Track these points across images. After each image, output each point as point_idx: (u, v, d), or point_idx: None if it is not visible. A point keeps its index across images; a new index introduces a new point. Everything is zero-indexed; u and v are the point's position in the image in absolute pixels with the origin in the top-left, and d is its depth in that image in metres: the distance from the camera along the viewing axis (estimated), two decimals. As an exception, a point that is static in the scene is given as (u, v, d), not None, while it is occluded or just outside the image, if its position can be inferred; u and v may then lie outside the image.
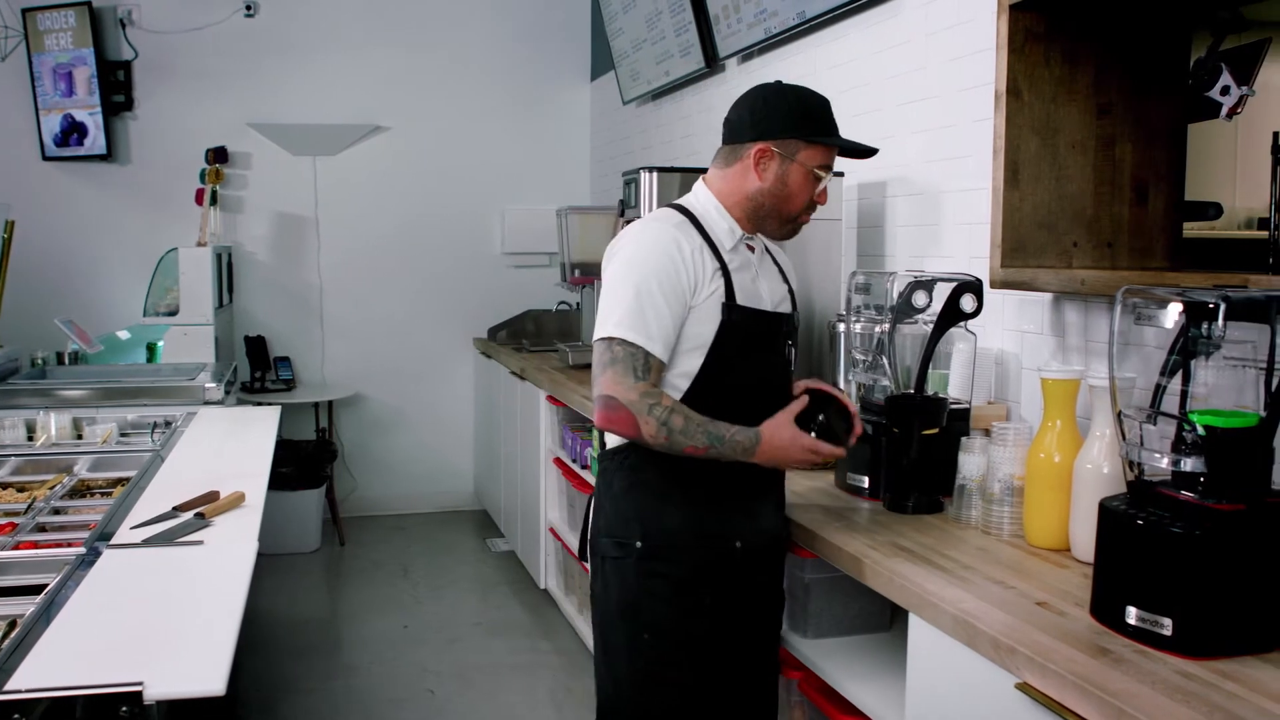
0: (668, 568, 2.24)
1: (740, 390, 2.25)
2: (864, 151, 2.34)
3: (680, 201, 2.35)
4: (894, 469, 2.55)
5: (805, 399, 2.24)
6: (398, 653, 4.49)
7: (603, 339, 2.19)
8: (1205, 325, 1.69)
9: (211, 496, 2.64)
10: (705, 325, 2.21)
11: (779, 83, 2.37)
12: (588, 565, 2.42)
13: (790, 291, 2.42)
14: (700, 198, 2.33)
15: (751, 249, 2.35)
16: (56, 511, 2.68)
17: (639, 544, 2.24)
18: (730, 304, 2.22)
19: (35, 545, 2.35)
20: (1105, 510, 1.81)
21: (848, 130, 3.72)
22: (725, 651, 2.29)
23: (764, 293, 2.31)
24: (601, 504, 2.34)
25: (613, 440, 2.31)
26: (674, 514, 2.24)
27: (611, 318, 2.18)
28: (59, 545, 2.34)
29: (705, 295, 2.20)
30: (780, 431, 2.18)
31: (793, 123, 2.26)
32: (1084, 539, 2.03)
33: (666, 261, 2.17)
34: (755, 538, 2.30)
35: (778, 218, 2.30)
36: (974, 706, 1.81)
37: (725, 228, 2.28)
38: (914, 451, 2.50)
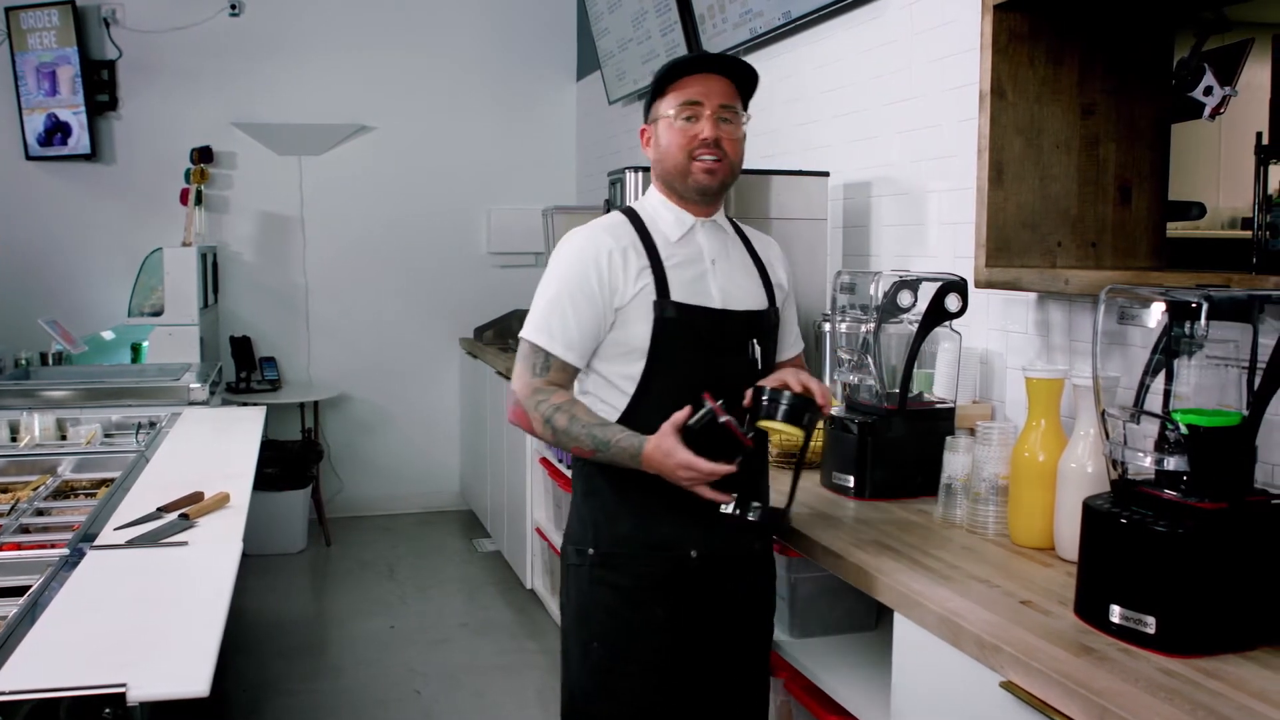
0: (617, 577, 2.19)
1: (691, 393, 2.08)
2: (714, 61, 2.25)
3: (634, 203, 2.33)
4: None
5: (688, 408, 2.05)
6: (384, 653, 4.48)
7: (521, 339, 2.24)
8: (1188, 325, 1.69)
9: (196, 497, 2.63)
10: (640, 325, 2.14)
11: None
12: None
13: (769, 287, 2.30)
14: (649, 195, 2.30)
15: (711, 241, 2.24)
16: (40, 513, 2.67)
17: (591, 551, 2.21)
18: (662, 302, 2.14)
19: (19, 546, 2.34)
20: (1089, 509, 1.81)
21: (834, 132, 3.75)
22: (687, 666, 2.21)
23: (714, 289, 2.19)
24: (570, 509, 2.33)
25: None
26: (625, 521, 2.19)
27: (528, 320, 2.22)
28: (43, 546, 2.34)
29: (631, 295, 2.14)
30: (661, 442, 2.03)
31: (650, 94, 2.26)
32: (1068, 538, 2.04)
33: (579, 267, 2.15)
34: (715, 547, 2.20)
35: (677, 178, 2.20)
36: (959, 705, 1.82)
37: (672, 219, 2.23)
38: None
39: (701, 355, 2.17)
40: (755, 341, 2.23)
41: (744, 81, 2.27)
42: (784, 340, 2.38)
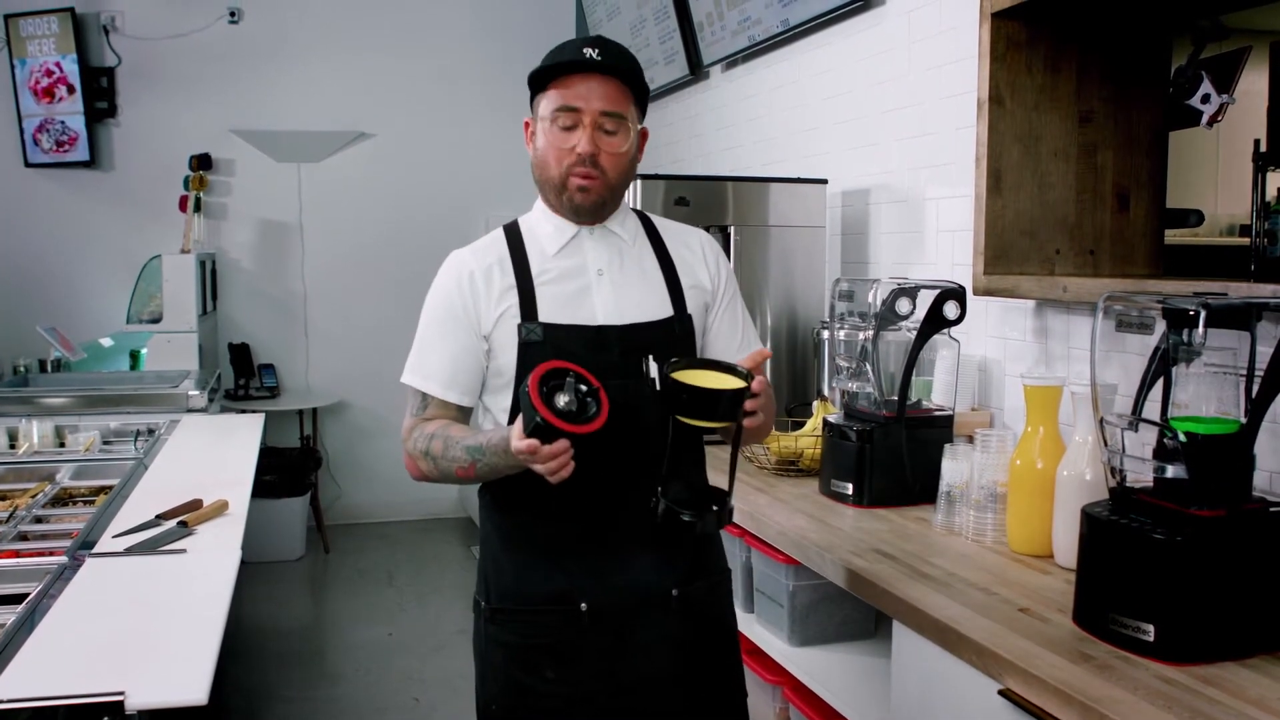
0: (504, 634, 1.94)
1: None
2: (592, 64, 1.87)
3: (525, 214, 2.07)
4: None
5: (547, 362, 1.71)
6: (382, 661, 4.48)
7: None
8: (1186, 332, 1.70)
9: (195, 505, 2.63)
10: (508, 353, 1.90)
11: None
12: None
13: (676, 292, 1.98)
14: (536, 205, 2.04)
15: (606, 247, 1.97)
16: (38, 520, 2.67)
17: (483, 604, 1.98)
18: (528, 324, 1.88)
19: (17, 554, 2.34)
20: (1087, 517, 1.81)
21: (833, 140, 3.75)
22: None
23: (600, 303, 1.92)
24: None
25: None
26: (507, 573, 1.94)
27: (408, 361, 2.02)
28: (41, 554, 2.34)
29: (496, 317, 1.90)
30: (515, 430, 1.71)
31: (531, 85, 1.97)
32: (1066, 545, 2.04)
33: (443, 295, 1.95)
34: (610, 597, 1.90)
35: (550, 186, 1.94)
36: (958, 713, 1.82)
37: (550, 229, 1.97)
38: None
39: None
40: (650, 358, 1.90)
41: (637, 83, 1.93)
42: (717, 351, 2.02)
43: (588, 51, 1.86)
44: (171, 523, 2.52)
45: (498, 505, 1.97)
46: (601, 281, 1.94)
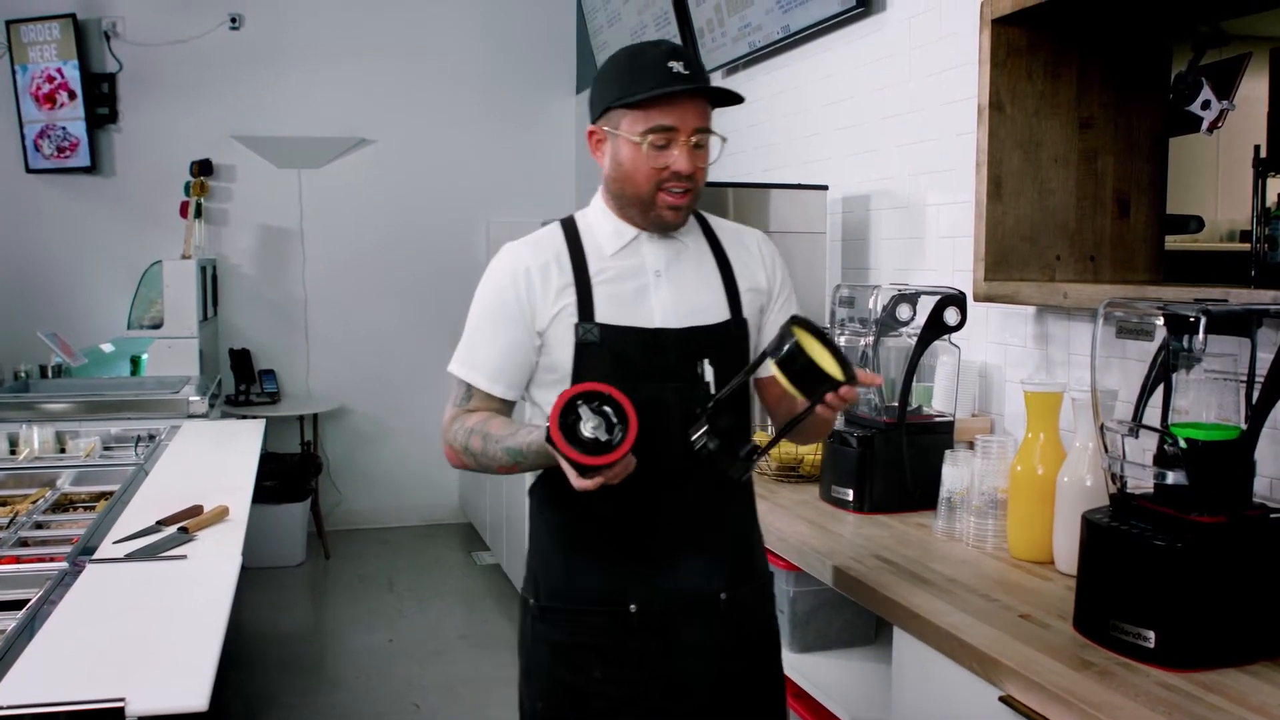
0: (554, 633, 1.96)
1: None
2: (709, 92, 1.86)
3: (579, 211, 2.03)
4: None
5: (563, 393, 1.68)
6: (383, 666, 4.47)
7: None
8: (1186, 338, 1.70)
9: (195, 510, 2.63)
10: (562, 350, 1.89)
11: (623, 48, 1.95)
12: None
13: (734, 295, 1.97)
14: (594, 202, 2.00)
15: (666, 250, 1.94)
16: (39, 526, 2.67)
17: (532, 602, 2.00)
18: (585, 324, 1.87)
19: (17, 560, 2.34)
20: (1088, 523, 1.81)
21: (833, 146, 3.76)
22: None
23: (655, 305, 1.90)
24: None
25: (530, 477, 2.03)
26: (558, 572, 1.95)
27: (456, 351, 2.02)
28: (41, 560, 2.33)
29: (552, 315, 1.89)
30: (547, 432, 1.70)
31: (610, 91, 1.87)
32: (1067, 552, 2.04)
33: (496, 288, 1.94)
34: (659, 599, 1.90)
35: (634, 205, 1.89)
36: (958, 719, 1.81)
37: (610, 230, 1.94)
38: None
39: (633, 382, 1.76)
40: (706, 362, 1.90)
41: (718, 96, 1.91)
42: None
43: (674, 66, 1.82)
44: (172, 529, 2.52)
45: (549, 504, 1.97)
46: (659, 283, 1.92)
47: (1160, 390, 1.75)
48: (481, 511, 6.04)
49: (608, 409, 1.67)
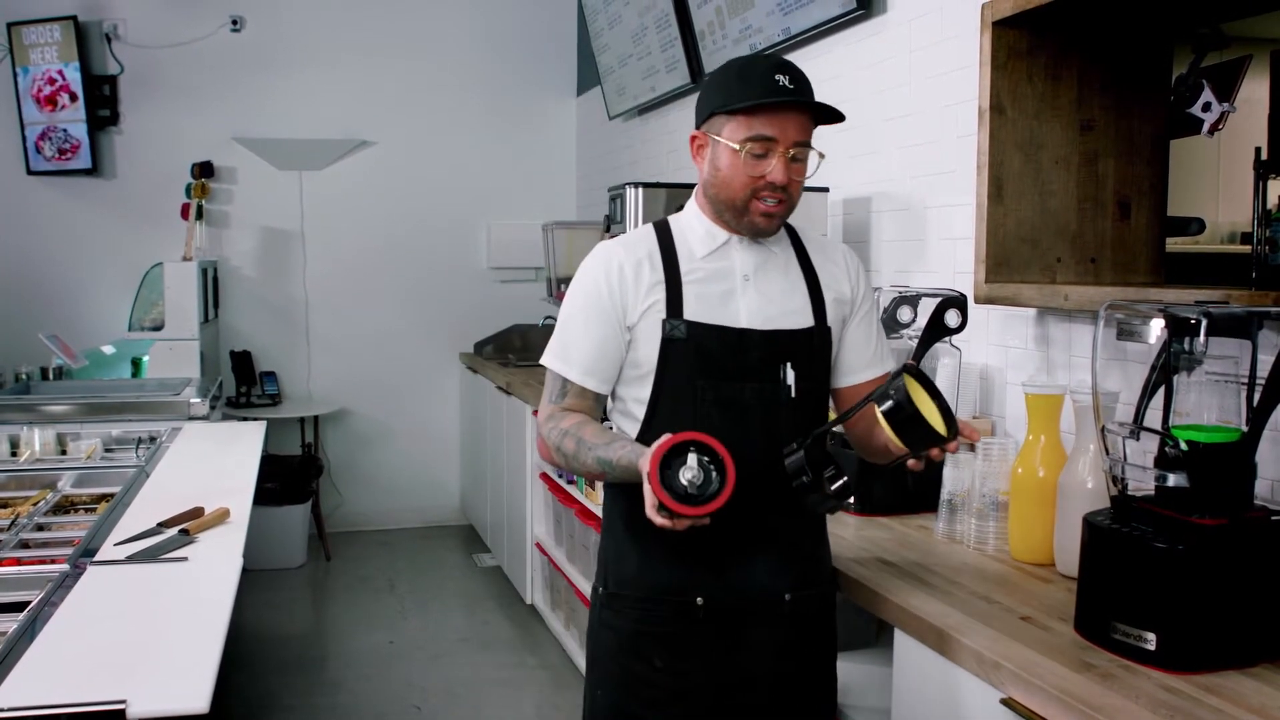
0: (619, 620, 2.02)
1: (697, 416, 1.92)
2: (812, 107, 1.95)
3: (674, 214, 2.10)
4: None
5: (668, 437, 1.71)
6: (383, 668, 4.47)
7: (544, 366, 2.07)
8: (1187, 341, 1.70)
9: (196, 512, 2.63)
10: (648, 346, 1.95)
11: (736, 59, 2.04)
12: None
13: (818, 302, 2.02)
14: (688, 206, 2.07)
15: (755, 255, 2.00)
16: (40, 528, 2.67)
17: (600, 590, 2.07)
18: (672, 320, 1.93)
19: (18, 562, 2.34)
20: (1089, 525, 1.81)
21: (834, 147, 3.75)
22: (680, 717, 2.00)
23: (742, 307, 1.96)
24: None
25: None
26: (630, 561, 2.01)
27: (549, 345, 2.06)
28: (42, 562, 2.33)
29: (641, 312, 1.95)
30: (643, 464, 1.74)
31: (713, 98, 1.95)
32: (1068, 554, 2.04)
33: (590, 284, 1.99)
34: (728, 597, 1.97)
35: (729, 210, 1.96)
36: (959, 721, 1.82)
37: (702, 233, 2.00)
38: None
39: (715, 380, 1.93)
40: (789, 365, 1.96)
41: (820, 112, 2.00)
42: (849, 362, 2.08)
43: (780, 79, 1.90)
44: (173, 530, 2.52)
45: (626, 493, 1.98)
46: (747, 286, 1.99)
47: (1161, 392, 1.75)
48: (482, 513, 6.04)
49: (708, 461, 1.70)
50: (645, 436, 1.95)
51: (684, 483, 1.69)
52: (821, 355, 2.02)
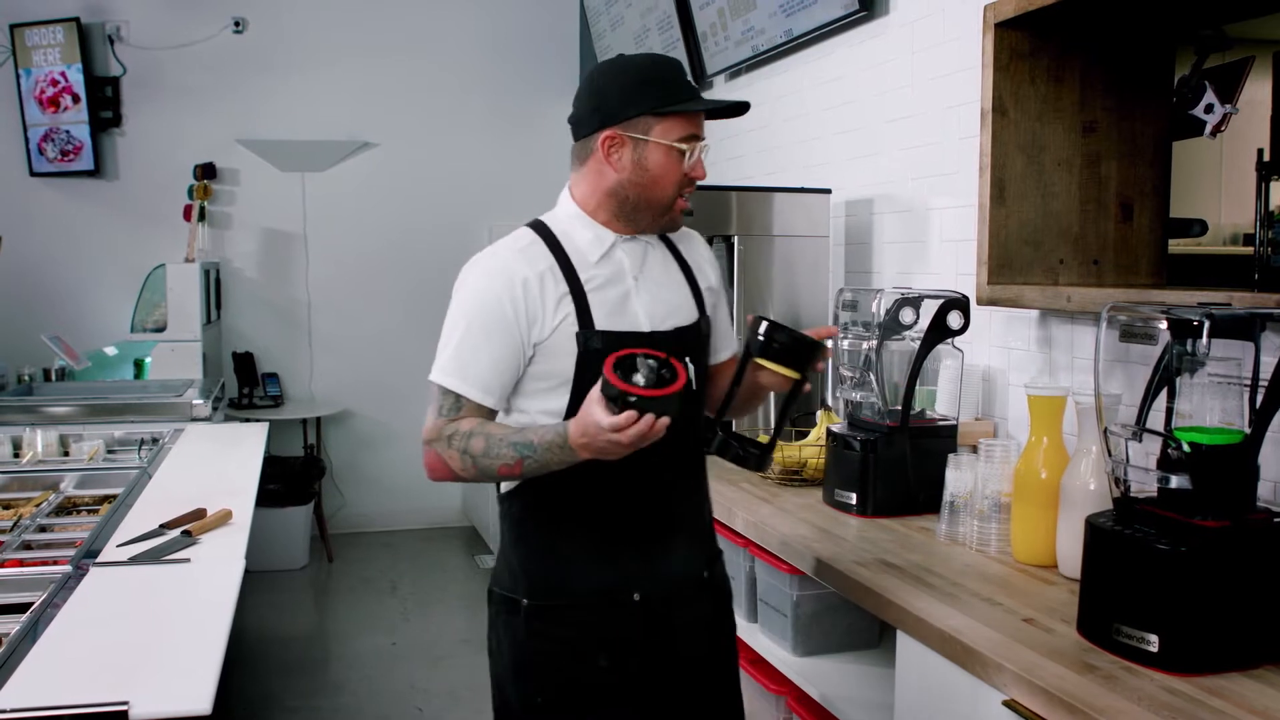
0: (557, 629, 1.98)
1: None
2: (732, 109, 1.98)
3: (543, 216, 2.06)
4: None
5: (607, 363, 1.74)
6: (385, 670, 4.47)
7: (428, 382, 1.98)
8: (1190, 342, 1.70)
9: (199, 514, 2.63)
10: (563, 359, 1.92)
11: (619, 56, 2.05)
12: None
13: (697, 294, 2.08)
14: (561, 208, 2.04)
15: (631, 254, 2.01)
16: (43, 529, 2.67)
17: (525, 602, 1.99)
18: (586, 331, 1.92)
19: (21, 563, 2.34)
20: (1091, 527, 1.81)
21: (836, 149, 3.76)
22: (640, 711, 2.03)
23: (641, 309, 1.97)
24: (498, 553, 2.10)
25: (505, 485, 2.04)
26: (559, 568, 1.98)
27: (437, 360, 1.97)
28: (45, 563, 2.34)
29: (552, 327, 1.91)
30: (583, 417, 1.74)
31: (636, 96, 1.93)
32: (1070, 555, 2.04)
33: (492, 300, 1.92)
34: (659, 587, 2.00)
35: (649, 209, 1.97)
36: (962, 723, 1.82)
37: (589, 238, 1.98)
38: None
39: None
40: (688, 360, 1.92)
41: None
42: (714, 345, 2.15)
43: (691, 81, 1.99)
44: (175, 532, 2.52)
45: (540, 506, 1.99)
46: (638, 287, 1.99)
47: (1164, 394, 1.75)
48: (484, 515, 6.04)
49: (656, 365, 1.74)
50: None
51: (639, 383, 1.71)
52: (705, 346, 2.09)
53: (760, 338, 1.90)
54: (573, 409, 1.91)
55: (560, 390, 1.93)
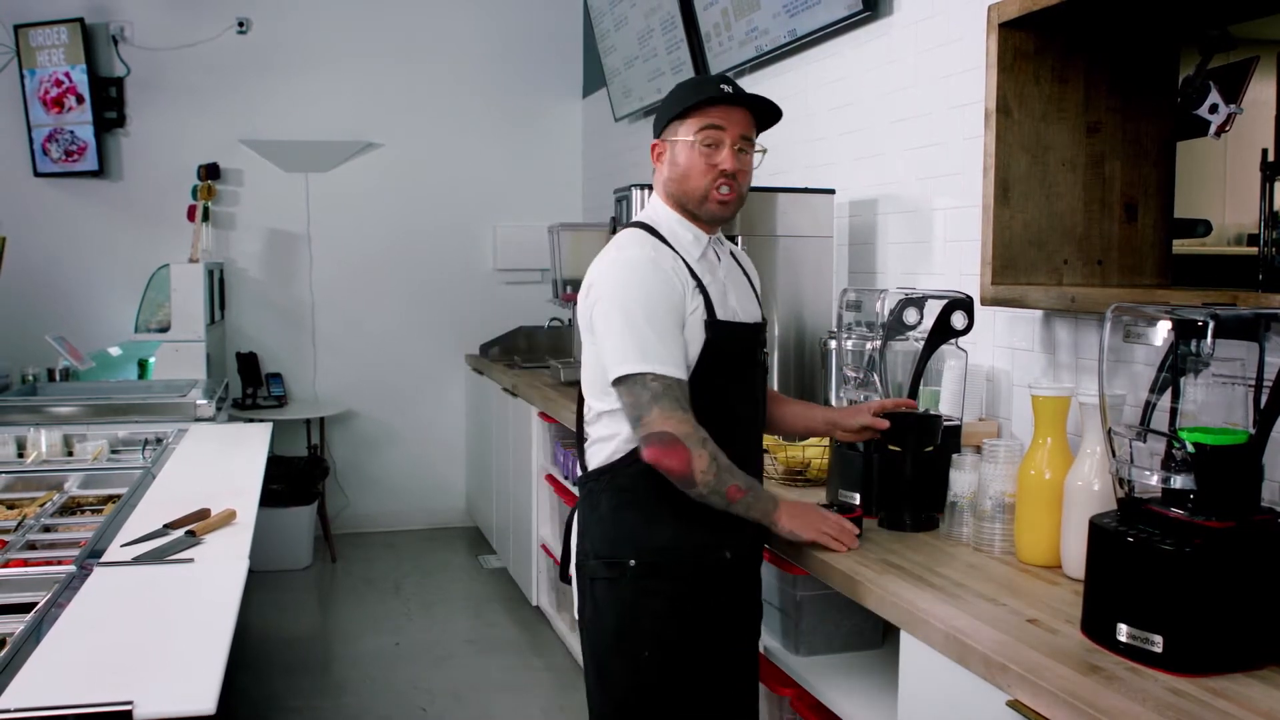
0: (663, 584, 2.21)
1: (724, 408, 2.22)
2: (747, 100, 2.23)
3: (642, 218, 2.30)
4: (890, 486, 2.54)
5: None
6: (389, 670, 4.48)
7: (635, 374, 2.10)
8: (1194, 343, 1.69)
9: (202, 514, 2.63)
10: (694, 345, 2.17)
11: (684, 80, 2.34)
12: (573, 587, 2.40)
13: (757, 297, 2.40)
14: (659, 212, 2.29)
15: (719, 257, 2.30)
16: (47, 529, 2.67)
17: (632, 563, 2.21)
18: (712, 321, 2.18)
19: (25, 563, 2.34)
20: (1095, 527, 1.81)
21: (840, 150, 3.75)
22: (717, 661, 2.28)
23: (736, 303, 2.26)
24: (587, 526, 2.30)
25: (595, 460, 2.27)
26: (664, 530, 2.21)
27: (634, 352, 2.10)
28: (49, 563, 2.34)
29: (690, 312, 2.16)
30: (799, 508, 2.23)
31: (668, 108, 2.24)
32: (1075, 556, 2.04)
33: (661, 287, 2.14)
34: (742, 546, 2.29)
35: (691, 201, 2.23)
36: (966, 724, 1.81)
37: (690, 238, 2.25)
38: (910, 469, 2.49)
39: (738, 371, 2.26)
40: (764, 351, 2.36)
41: (761, 113, 2.28)
42: None
43: (725, 87, 2.20)
44: (179, 532, 2.52)
45: (648, 471, 2.16)
46: (727, 285, 2.27)
47: (1168, 394, 1.75)
48: (488, 515, 6.04)
49: None
50: None
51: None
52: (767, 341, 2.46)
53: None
54: (694, 391, 2.14)
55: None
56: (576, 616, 2.38)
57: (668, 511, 2.20)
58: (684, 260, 2.19)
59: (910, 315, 2.60)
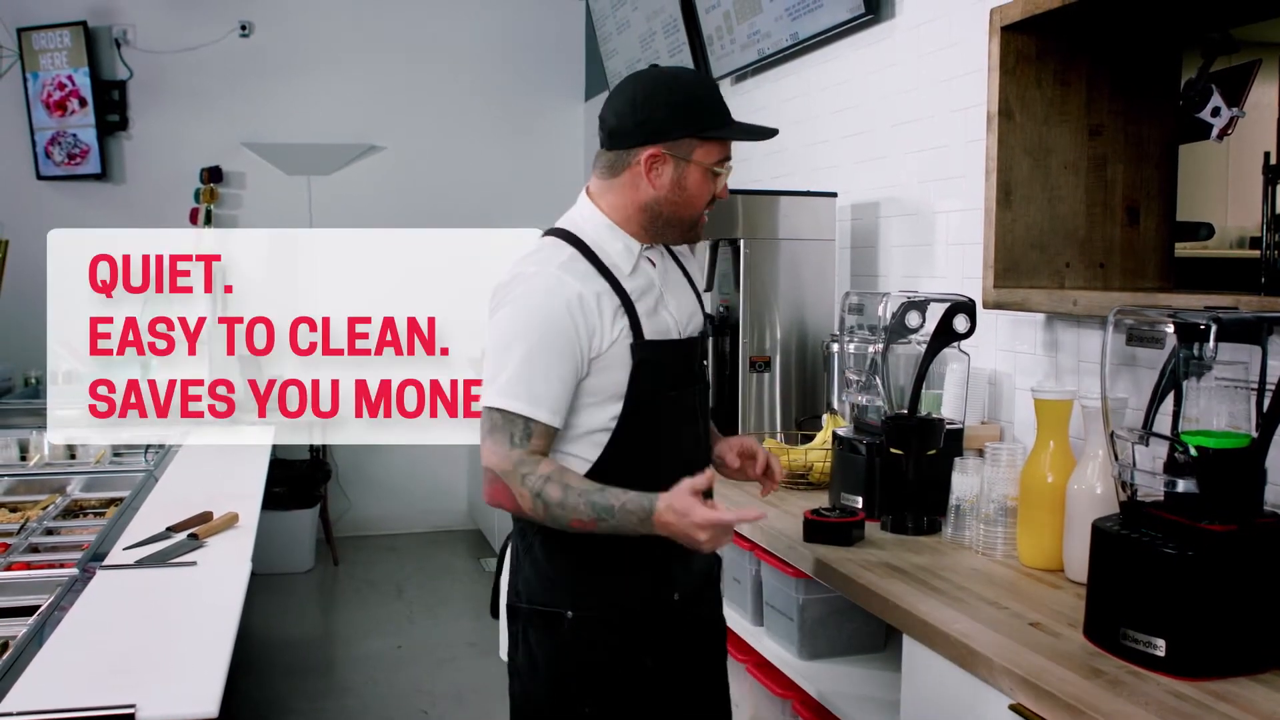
0: (604, 635, 2.00)
1: (662, 428, 2.02)
2: (764, 134, 2.07)
3: (565, 225, 2.04)
4: (892, 490, 2.54)
5: (711, 473, 1.93)
6: (391, 673, 4.48)
7: (486, 406, 1.95)
8: (1197, 346, 1.69)
9: (205, 517, 2.64)
10: (616, 372, 1.95)
11: (655, 68, 2.09)
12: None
13: (699, 299, 2.16)
14: (588, 218, 2.03)
15: (653, 263, 2.06)
16: (49, 532, 2.68)
17: (570, 614, 1.99)
18: (639, 343, 1.95)
19: (28, 566, 2.35)
20: (1098, 531, 1.81)
21: (842, 153, 3.75)
22: (670, 704, 2.08)
23: (670, 317, 2.03)
24: (520, 566, 2.07)
25: None
26: (604, 577, 2.00)
27: (495, 384, 1.92)
28: (51, 566, 2.34)
29: (609, 342, 1.93)
30: (675, 501, 1.83)
31: (684, 118, 1.95)
32: (1077, 559, 2.04)
33: (551, 317, 1.90)
34: (692, 582, 2.10)
35: (679, 225, 2.02)
36: (968, 727, 1.81)
37: (620, 248, 2.00)
38: (913, 473, 2.49)
39: (673, 391, 2.03)
40: (703, 362, 2.15)
41: None
42: None
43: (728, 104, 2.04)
44: (182, 535, 2.52)
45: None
46: (664, 296, 2.05)
47: (1170, 398, 1.75)
48: (490, 518, 6.04)
49: None
50: (610, 456, 1.97)
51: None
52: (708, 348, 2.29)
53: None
54: (623, 422, 1.97)
55: (610, 403, 1.96)
56: (505, 658, 2.13)
57: (607, 556, 1.97)
58: (609, 278, 1.96)
59: (912, 318, 2.59)
